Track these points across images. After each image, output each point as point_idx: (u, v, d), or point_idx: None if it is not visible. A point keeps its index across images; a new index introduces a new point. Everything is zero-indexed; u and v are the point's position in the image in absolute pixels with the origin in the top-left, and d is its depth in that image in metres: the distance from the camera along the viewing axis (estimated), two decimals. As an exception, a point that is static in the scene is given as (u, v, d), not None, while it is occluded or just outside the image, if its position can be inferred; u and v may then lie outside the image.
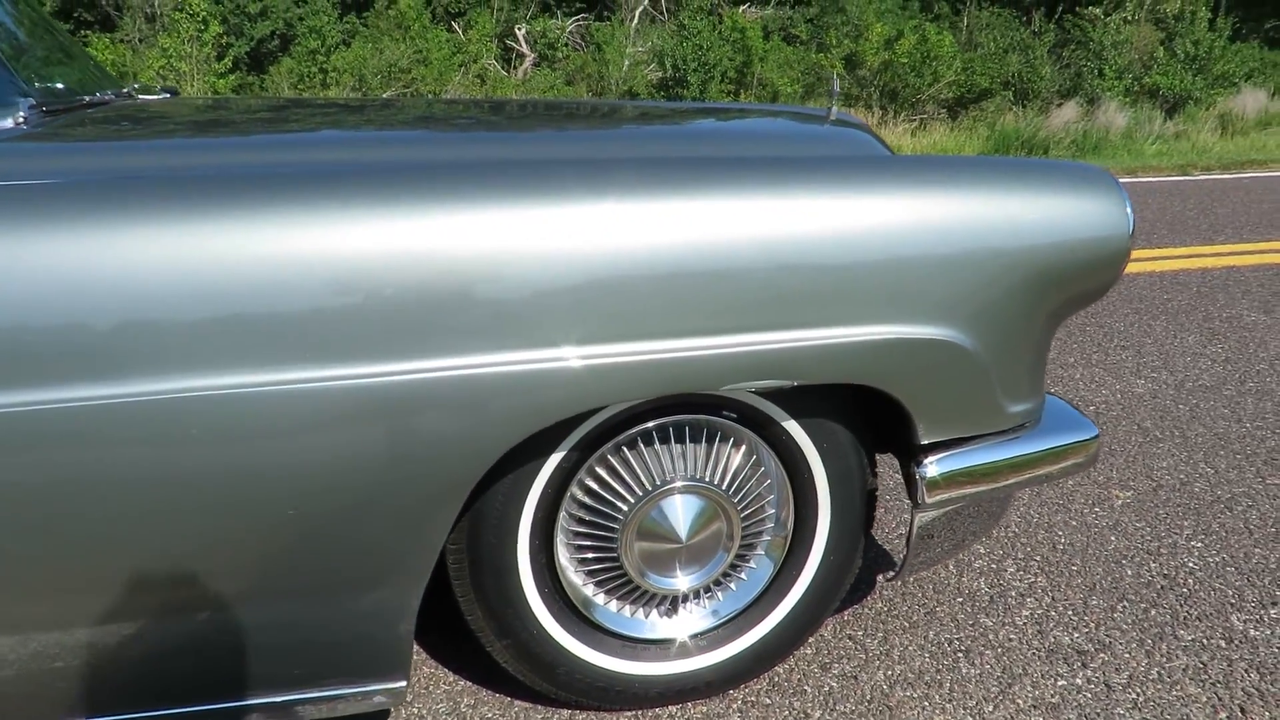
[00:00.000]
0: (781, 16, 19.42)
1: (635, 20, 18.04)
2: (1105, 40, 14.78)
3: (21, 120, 1.43)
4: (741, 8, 18.37)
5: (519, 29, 18.28)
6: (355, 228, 1.18)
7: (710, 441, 1.51)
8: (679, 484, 1.49)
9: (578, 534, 1.49)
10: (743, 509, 1.54)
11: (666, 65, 15.24)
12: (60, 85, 1.79)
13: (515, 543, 1.43)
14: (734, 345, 1.32)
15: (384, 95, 14.91)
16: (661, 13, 18.24)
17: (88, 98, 1.80)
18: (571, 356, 1.26)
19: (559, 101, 2.80)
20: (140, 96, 2.07)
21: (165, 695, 1.33)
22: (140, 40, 15.90)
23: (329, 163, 1.39)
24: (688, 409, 1.47)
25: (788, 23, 19.40)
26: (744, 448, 1.53)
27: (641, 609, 1.58)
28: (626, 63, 16.12)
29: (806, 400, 1.49)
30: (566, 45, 17.21)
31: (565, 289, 1.24)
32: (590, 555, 1.50)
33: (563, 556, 1.50)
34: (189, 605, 1.27)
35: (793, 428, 1.51)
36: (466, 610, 1.48)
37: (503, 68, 17.31)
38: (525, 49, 17.87)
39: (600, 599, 1.55)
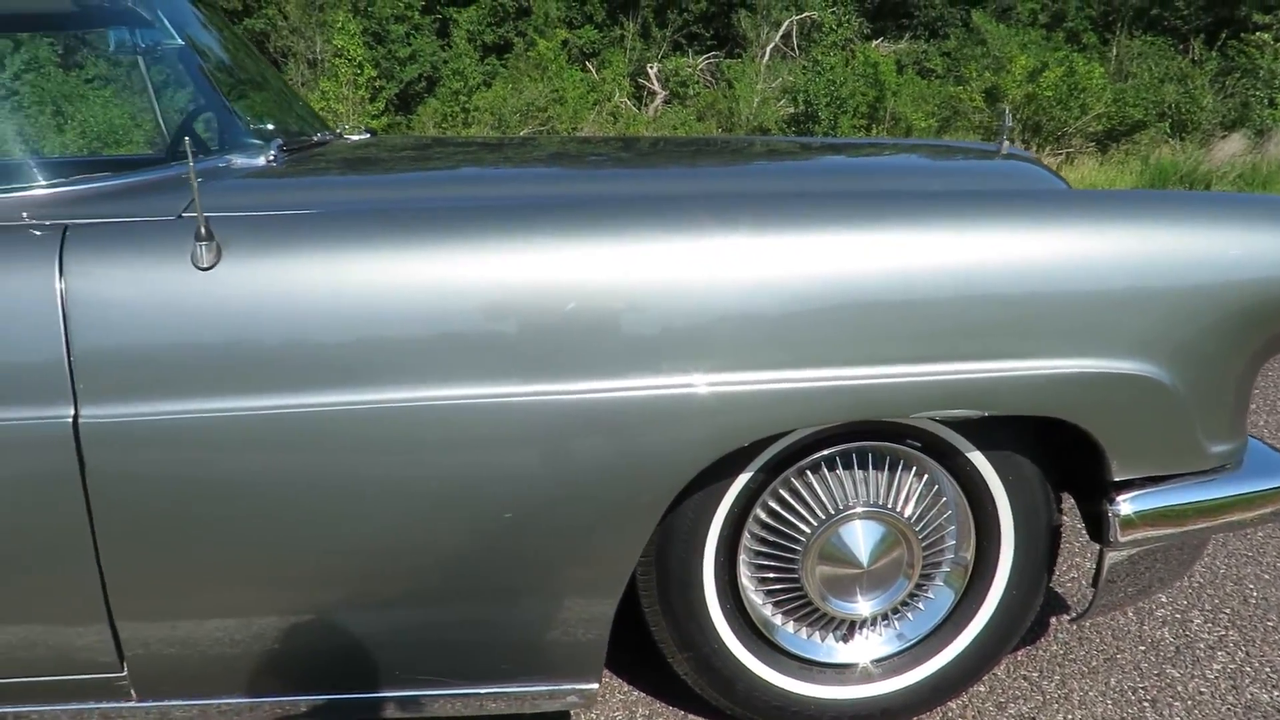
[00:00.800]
0: (916, 50, 19.16)
1: (766, 57, 18.19)
2: (1277, 68, 13.86)
3: (271, 159, 1.62)
4: (875, 42, 18.24)
5: (651, 68, 18.74)
6: (571, 253, 1.28)
7: (893, 469, 1.52)
8: (860, 510, 1.51)
9: (760, 554, 1.53)
10: (924, 537, 1.54)
11: (798, 101, 15.27)
12: (294, 127, 2.01)
13: (702, 559, 1.49)
14: (924, 374, 1.34)
15: (524, 133, 15.54)
16: (793, 49, 18.31)
17: (315, 137, 2.01)
18: (765, 380, 1.31)
19: (735, 139, 2.88)
20: (347, 137, 2.27)
21: (378, 679, 1.44)
22: (302, 84, 17.14)
23: (541, 196, 1.51)
24: (873, 436, 1.50)
25: (922, 56, 19.11)
26: (927, 477, 1.54)
27: (819, 632, 1.61)
28: (757, 99, 16.24)
29: (993, 432, 1.49)
30: (698, 82, 17.48)
31: (761, 315, 1.30)
32: (771, 576, 1.54)
33: (745, 576, 1.55)
34: (406, 598, 1.39)
35: (978, 459, 1.51)
36: (651, 621, 1.54)
37: (634, 105, 17.76)
38: (657, 87, 18.29)
39: (779, 619, 1.59)
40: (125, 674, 1.37)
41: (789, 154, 2.18)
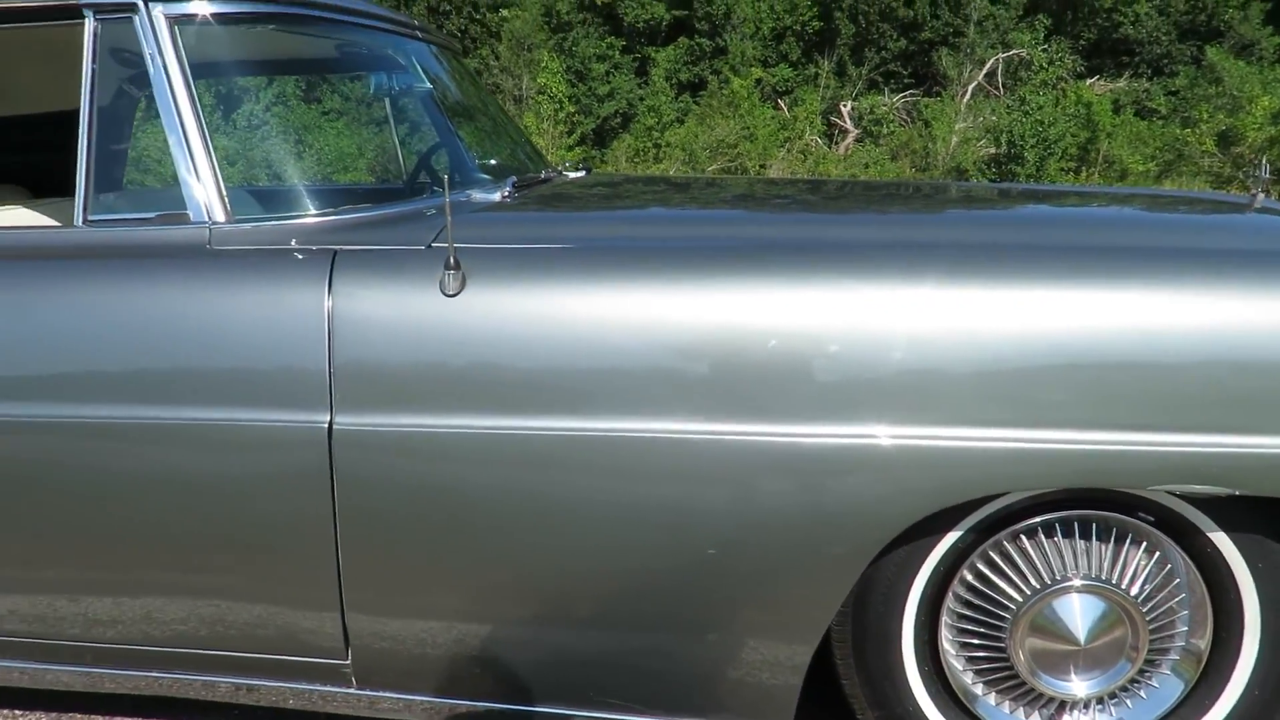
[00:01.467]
0: (1136, 89, 17.91)
1: (967, 96, 17.56)
2: None
3: (506, 195, 1.74)
4: (1089, 80, 17.20)
5: (844, 105, 18.55)
6: (785, 295, 1.30)
7: (1119, 542, 1.42)
8: (1080, 582, 1.41)
9: (965, 618, 1.46)
10: (1151, 620, 1.42)
11: (1001, 141, 14.62)
12: (523, 165, 2.14)
13: (901, 616, 1.44)
14: (1165, 444, 1.25)
15: (712, 169, 15.77)
16: (996, 88, 17.58)
17: (541, 175, 2.14)
18: (982, 438, 1.26)
19: (952, 184, 2.79)
20: (567, 174, 2.40)
21: (570, 697, 1.49)
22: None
23: (765, 238, 1.53)
24: (1099, 504, 1.40)
25: (1143, 96, 17.83)
26: (1158, 554, 1.42)
27: (1024, 708, 1.51)
28: (955, 138, 15.69)
29: (1242, 512, 1.35)
30: (893, 121, 17.11)
31: (982, 370, 1.26)
32: (976, 643, 1.47)
33: (946, 639, 1.48)
34: (603, 620, 1.43)
35: (1221, 540, 1.38)
36: (843, 673, 1.50)
37: (825, 143, 17.62)
38: (849, 125, 18.06)
39: (980, 689, 1.50)
40: (349, 662, 1.49)
41: (1011, 200, 2.09)
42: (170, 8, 1.54)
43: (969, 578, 1.45)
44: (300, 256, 1.42)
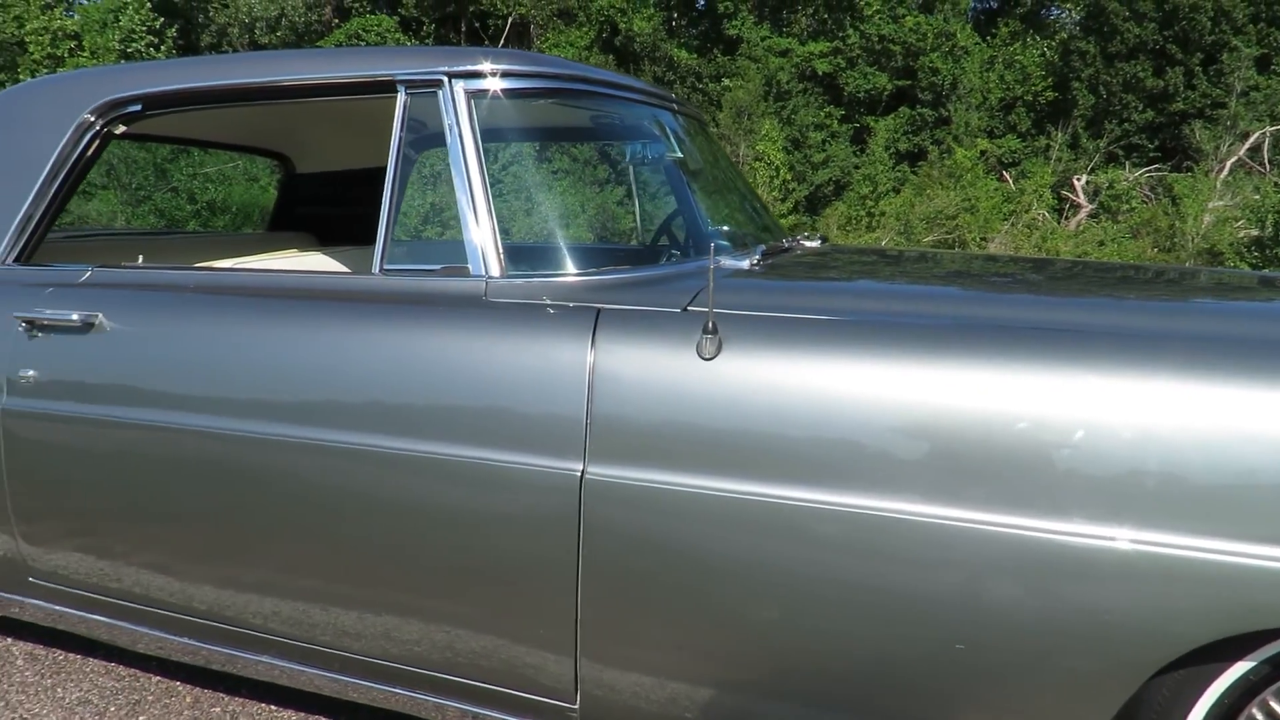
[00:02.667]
0: None
1: (1225, 171, 16.03)
2: None
3: (755, 264, 1.77)
4: (1380, 158, 15.20)
5: (1077, 179, 17.47)
6: (1047, 380, 1.22)
7: None
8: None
9: (1251, 763, 1.29)
10: None
11: (1266, 223, 13.17)
12: (764, 233, 2.18)
13: (1171, 750, 1.29)
14: None
15: (926, 241, 15.31)
16: (1261, 164, 15.93)
17: (782, 243, 2.16)
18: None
19: (1201, 269, 2.55)
20: (804, 243, 2.41)
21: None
22: (723, 184, 18.49)
23: (1015, 318, 1.45)
24: None
25: None
26: None
27: None
28: (1209, 217, 14.32)
29: None
30: (1136, 196, 15.90)
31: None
32: (1265, 793, 1.29)
33: (1227, 783, 1.31)
34: (827, 698, 1.38)
35: None
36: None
37: (1054, 218, 16.64)
38: (1081, 199, 16.98)
39: None
40: (576, 706, 1.53)
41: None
42: (470, 84, 1.71)
43: (1259, 717, 1.28)
44: (553, 312, 1.52)
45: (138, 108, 1.97)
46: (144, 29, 14.99)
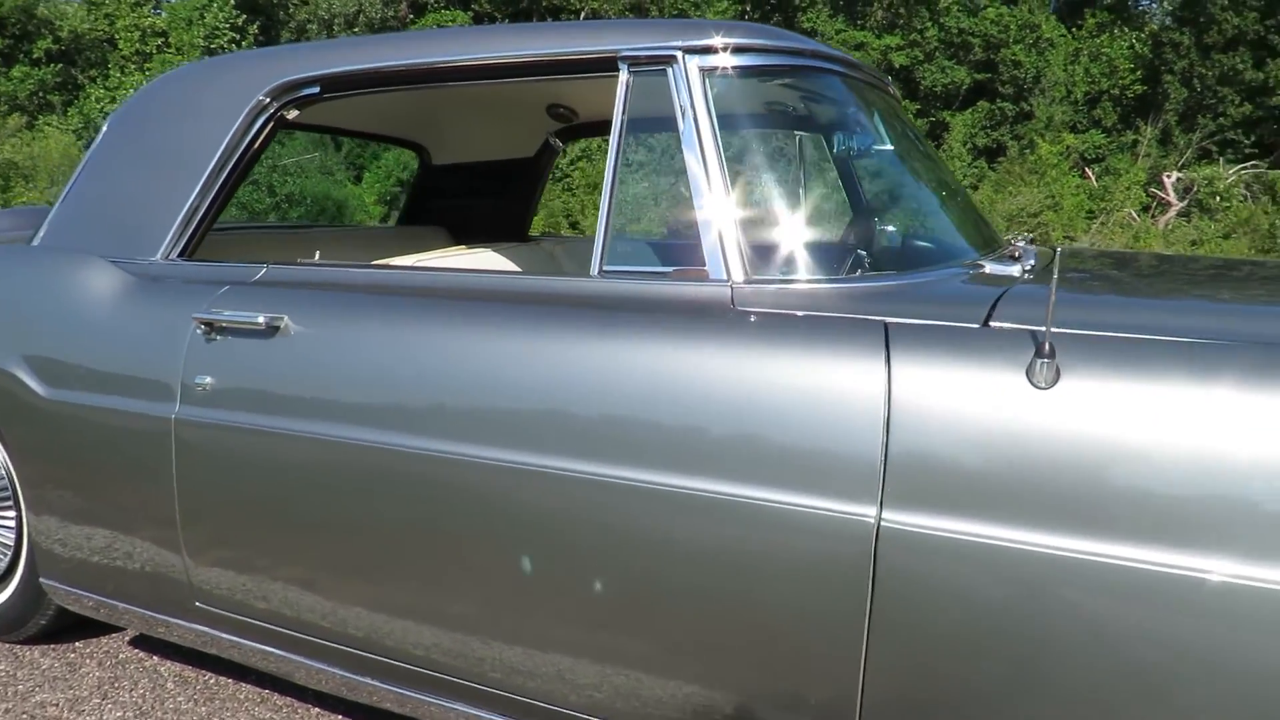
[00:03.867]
0: None
1: (1331, 169, 15.17)
2: None
3: (1028, 270, 1.51)
4: None
5: (1167, 176, 16.72)
6: None
7: None
8: None
9: None
10: None
11: (1382, 223, 12.41)
12: (989, 235, 1.92)
13: None
14: None
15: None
16: (1372, 160, 15.03)
17: (1010, 247, 1.90)
18: None
19: None
20: (1019, 244, 2.14)
21: None
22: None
23: None
24: None
25: None
26: None
27: None
28: (1316, 217, 13.55)
29: None
30: (1238, 194, 15.14)
31: None
32: None
33: None
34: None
35: None
36: None
37: (1142, 217, 15.95)
38: (1172, 197, 16.24)
39: None
40: None
41: None
42: (705, 60, 1.50)
43: None
44: (845, 326, 1.29)
45: (315, 90, 1.80)
46: (227, 25, 15.22)
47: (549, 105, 2.71)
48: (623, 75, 1.54)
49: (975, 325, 1.25)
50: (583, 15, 18.86)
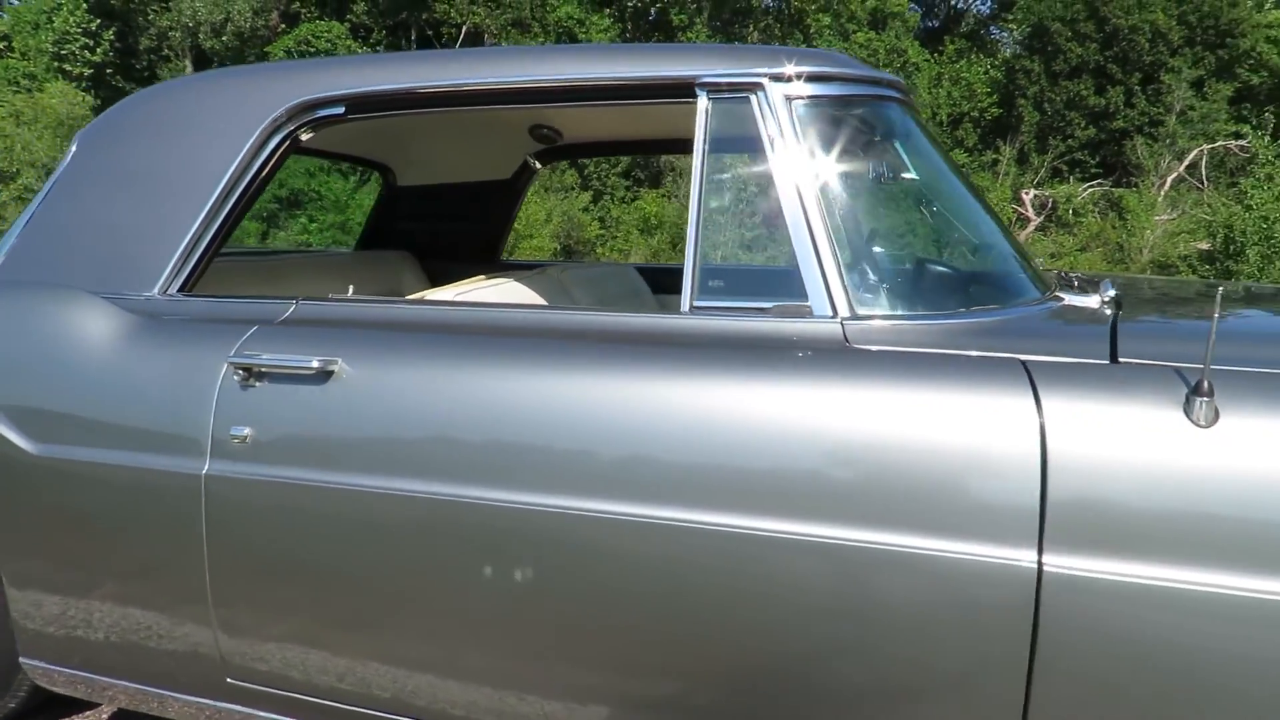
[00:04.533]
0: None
1: (1166, 187, 16.63)
2: None
3: (1106, 302, 1.52)
4: (1315, 176, 15.94)
5: (1025, 193, 17.92)
6: None
7: None
8: None
9: None
10: None
11: (1216, 237, 13.66)
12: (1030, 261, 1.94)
13: None
14: None
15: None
16: (1200, 181, 16.58)
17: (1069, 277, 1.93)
18: None
19: None
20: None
21: None
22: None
23: None
24: None
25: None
26: None
27: None
28: (1158, 230, 14.80)
29: None
30: (1091, 210, 16.35)
31: None
32: None
33: None
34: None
35: None
36: None
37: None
38: (1030, 213, 17.40)
39: None
40: None
41: None
42: (789, 88, 1.44)
43: None
44: (983, 364, 1.25)
45: (339, 110, 1.63)
46: (79, 30, 14.14)
47: (531, 126, 2.60)
48: (701, 102, 1.47)
49: (1105, 361, 1.24)
50: (463, 32, 18.55)
